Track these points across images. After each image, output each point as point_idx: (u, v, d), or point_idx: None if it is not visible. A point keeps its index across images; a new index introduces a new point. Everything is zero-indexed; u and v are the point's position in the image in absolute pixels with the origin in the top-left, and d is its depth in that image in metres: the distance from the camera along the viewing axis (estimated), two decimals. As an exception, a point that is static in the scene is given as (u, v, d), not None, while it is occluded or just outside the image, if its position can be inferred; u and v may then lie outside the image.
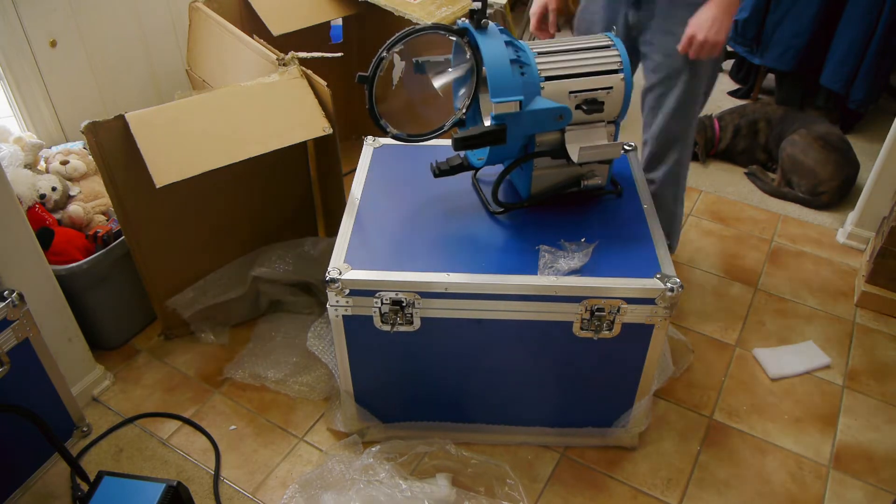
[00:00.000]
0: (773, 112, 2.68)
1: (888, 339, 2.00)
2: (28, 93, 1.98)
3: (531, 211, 1.54)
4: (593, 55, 1.40)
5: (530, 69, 1.35)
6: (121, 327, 1.90)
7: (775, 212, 2.50)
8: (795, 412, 1.77)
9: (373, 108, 1.37)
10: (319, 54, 1.78)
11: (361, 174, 1.66)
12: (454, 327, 1.42)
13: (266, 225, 1.92)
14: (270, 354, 1.85)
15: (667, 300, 1.35)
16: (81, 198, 1.86)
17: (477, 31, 1.33)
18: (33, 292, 1.47)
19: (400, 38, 1.32)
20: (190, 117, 1.58)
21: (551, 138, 1.42)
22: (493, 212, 1.53)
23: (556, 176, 1.51)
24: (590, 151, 1.39)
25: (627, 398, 1.54)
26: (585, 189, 1.53)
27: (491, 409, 1.61)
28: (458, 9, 2.09)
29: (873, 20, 2.61)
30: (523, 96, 1.32)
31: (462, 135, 1.34)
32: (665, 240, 1.48)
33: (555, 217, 1.53)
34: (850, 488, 1.60)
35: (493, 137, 1.34)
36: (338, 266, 1.38)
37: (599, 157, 1.42)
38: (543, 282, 1.35)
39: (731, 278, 2.19)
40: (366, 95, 1.35)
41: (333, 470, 1.51)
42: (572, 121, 1.39)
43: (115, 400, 1.76)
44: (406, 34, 1.31)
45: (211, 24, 1.95)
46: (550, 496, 1.56)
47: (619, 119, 1.45)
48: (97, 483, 1.30)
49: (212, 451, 1.65)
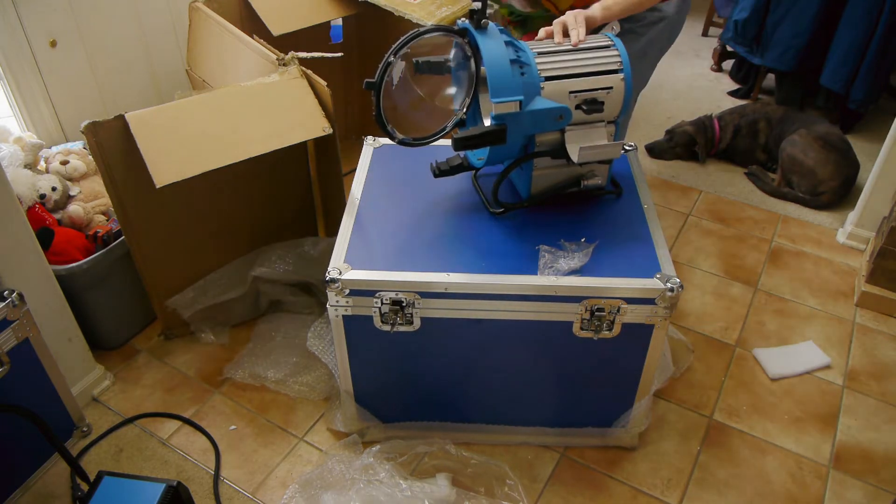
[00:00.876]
0: (773, 112, 2.68)
1: (888, 339, 2.00)
2: (28, 93, 1.98)
3: (531, 211, 1.54)
4: (593, 55, 1.41)
5: (530, 69, 1.34)
6: (121, 327, 1.90)
7: (775, 212, 2.50)
8: (795, 412, 1.77)
9: (380, 114, 1.36)
10: (319, 54, 1.78)
11: (361, 174, 1.66)
12: (454, 327, 1.42)
13: (266, 225, 1.92)
14: (270, 354, 1.85)
15: (667, 300, 1.35)
16: (81, 198, 1.86)
17: (477, 31, 1.33)
18: (33, 292, 1.47)
19: (406, 42, 1.31)
20: (190, 117, 1.58)
21: (551, 138, 1.42)
22: (493, 212, 1.53)
23: (557, 176, 1.51)
24: (590, 151, 1.39)
25: (627, 398, 1.54)
26: (585, 189, 1.53)
27: (491, 409, 1.61)
28: (459, 9, 2.08)
29: (873, 20, 2.61)
30: (523, 96, 1.32)
31: (462, 135, 1.34)
32: (665, 241, 1.47)
33: (555, 217, 1.53)
34: (850, 488, 1.60)
35: (493, 137, 1.34)
36: (338, 266, 1.38)
37: (599, 157, 1.42)
38: (543, 282, 1.35)
39: (731, 278, 2.19)
40: (373, 102, 1.34)
41: (333, 470, 1.51)
42: (572, 121, 1.39)
43: (115, 400, 1.76)
44: (411, 37, 1.31)
45: (211, 24, 1.95)
46: (550, 496, 1.56)
47: (619, 119, 1.45)
48: (97, 483, 1.30)
49: (212, 451, 1.65)
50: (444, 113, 1.49)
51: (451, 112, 1.48)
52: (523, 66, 1.34)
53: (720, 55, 3.44)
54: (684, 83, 3.36)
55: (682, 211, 2.50)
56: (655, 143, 2.77)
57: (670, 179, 2.67)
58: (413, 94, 1.46)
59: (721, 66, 3.47)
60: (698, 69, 3.49)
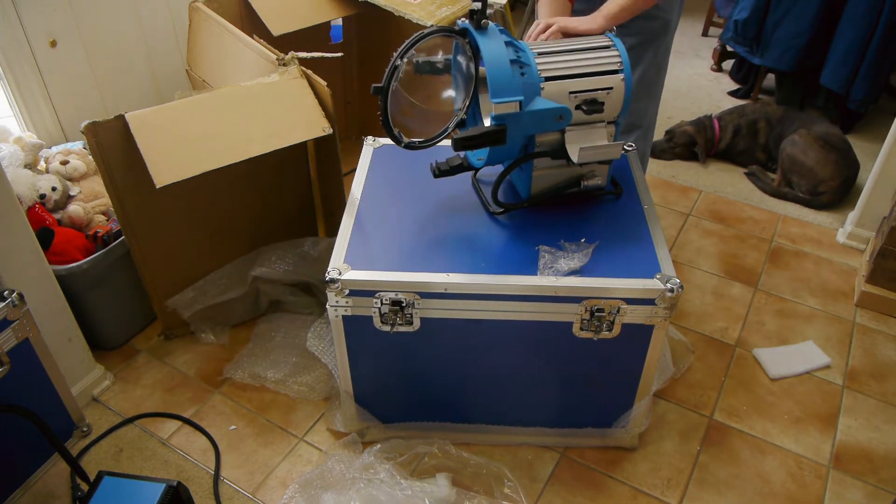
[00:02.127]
0: (773, 112, 2.68)
1: (888, 339, 2.00)
2: (28, 93, 1.98)
3: (531, 211, 1.54)
4: (594, 55, 1.40)
5: (530, 69, 1.34)
6: (121, 327, 1.90)
7: (775, 212, 2.50)
8: (795, 412, 1.77)
9: (387, 119, 1.35)
10: (319, 54, 1.78)
11: (361, 174, 1.66)
12: (454, 328, 1.42)
13: (266, 225, 1.92)
14: (270, 354, 1.85)
15: (667, 300, 1.35)
16: (81, 198, 1.86)
17: (477, 32, 1.33)
18: (33, 292, 1.47)
19: (410, 45, 1.31)
20: (190, 117, 1.58)
21: (551, 138, 1.42)
22: (493, 212, 1.53)
23: (557, 176, 1.51)
24: (590, 152, 1.39)
25: (627, 398, 1.54)
26: (585, 189, 1.53)
27: (491, 410, 1.61)
28: (459, 9, 2.08)
29: (873, 20, 2.61)
30: (523, 97, 1.32)
31: (462, 135, 1.34)
32: (665, 241, 1.47)
33: (555, 217, 1.53)
34: (850, 488, 1.60)
35: (493, 138, 1.34)
36: (338, 266, 1.38)
37: (599, 157, 1.42)
38: (543, 282, 1.35)
39: (731, 278, 2.19)
40: (380, 107, 1.33)
41: (333, 470, 1.51)
42: (572, 121, 1.39)
43: (115, 400, 1.76)
44: (415, 40, 1.31)
45: (211, 24, 1.95)
46: (550, 496, 1.56)
47: (619, 119, 1.45)
48: (97, 483, 1.30)
49: (212, 451, 1.65)
50: (445, 114, 1.49)
51: (452, 113, 1.48)
52: (523, 67, 1.34)
53: (720, 55, 3.44)
54: (684, 83, 3.36)
55: (682, 211, 2.50)
56: (655, 142, 2.77)
57: (670, 179, 2.67)
58: (412, 95, 1.46)
59: (721, 66, 3.47)
60: (698, 69, 3.49)
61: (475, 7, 1.32)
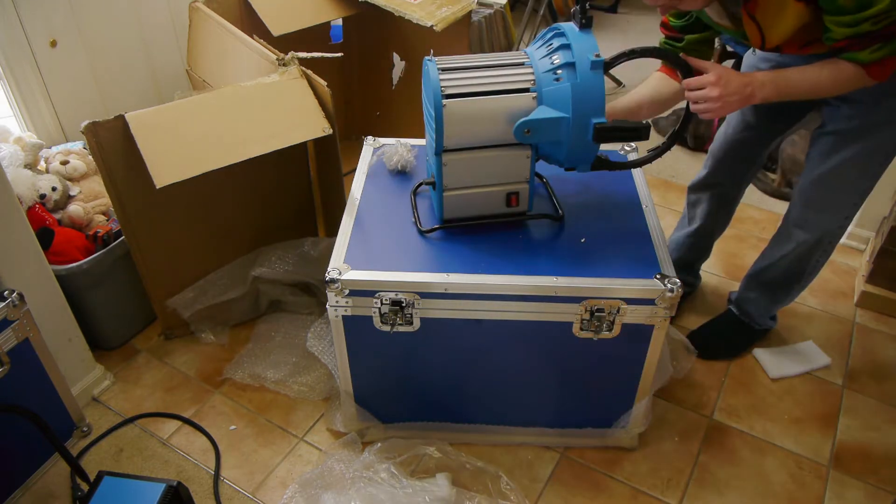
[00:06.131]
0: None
1: (888, 339, 2.00)
2: (28, 93, 1.98)
3: (531, 211, 1.54)
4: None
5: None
6: (121, 327, 1.90)
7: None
8: (795, 412, 1.77)
9: None
10: (319, 54, 1.78)
11: (361, 174, 1.66)
12: (454, 328, 1.42)
13: (266, 225, 1.92)
14: (270, 354, 1.85)
15: (666, 301, 1.35)
16: (81, 198, 1.86)
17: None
18: (33, 292, 1.47)
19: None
20: (190, 117, 1.58)
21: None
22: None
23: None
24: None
25: (627, 399, 1.54)
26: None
27: (491, 410, 1.61)
28: (459, 9, 2.08)
29: (873, 20, 2.61)
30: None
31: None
32: (665, 241, 1.47)
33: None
34: (850, 488, 1.60)
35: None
36: (338, 266, 1.38)
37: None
38: (543, 282, 1.35)
39: (731, 278, 2.19)
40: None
41: (333, 469, 1.51)
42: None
43: (115, 400, 1.77)
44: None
45: (211, 24, 1.95)
46: (550, 496, 1.56)
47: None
48: (97, 483, 1.30)
49: (212, 451, 1.65)
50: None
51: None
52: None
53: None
54: (684, 83, 3.36)
55: (682, 211, 2.49)
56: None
57: (670, 179, 2.67)
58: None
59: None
60: (698, 69, 3.49)
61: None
